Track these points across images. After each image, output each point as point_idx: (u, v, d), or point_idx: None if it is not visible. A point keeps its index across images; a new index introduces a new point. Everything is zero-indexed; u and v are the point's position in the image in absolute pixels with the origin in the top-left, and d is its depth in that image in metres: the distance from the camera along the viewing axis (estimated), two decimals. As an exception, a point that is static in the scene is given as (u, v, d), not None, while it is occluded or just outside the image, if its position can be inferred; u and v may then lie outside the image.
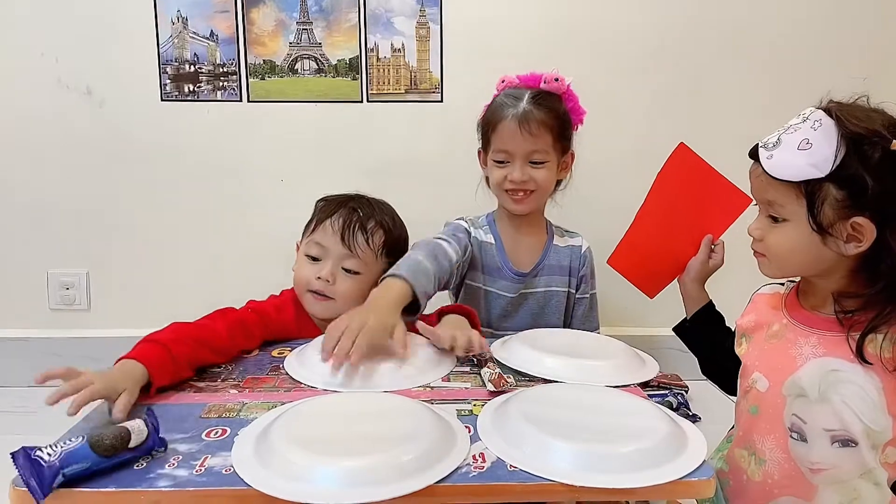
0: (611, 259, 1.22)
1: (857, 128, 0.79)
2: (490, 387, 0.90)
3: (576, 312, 1.46)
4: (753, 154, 0.88)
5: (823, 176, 0.80)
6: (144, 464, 0.69)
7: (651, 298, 1.24)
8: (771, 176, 0.84)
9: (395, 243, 1.26)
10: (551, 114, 1.31)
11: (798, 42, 1.88)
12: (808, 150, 0.81)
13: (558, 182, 1.41)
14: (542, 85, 1.34)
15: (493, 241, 1.39)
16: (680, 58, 1.88)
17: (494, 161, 1.35)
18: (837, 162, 0.79)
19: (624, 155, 1.88)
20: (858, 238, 0.81)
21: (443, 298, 1.48)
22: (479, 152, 1.43)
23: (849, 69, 1.84)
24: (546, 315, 1.41)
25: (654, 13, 1.85)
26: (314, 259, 1.21)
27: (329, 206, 1.24)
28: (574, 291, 1.45)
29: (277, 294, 1.28)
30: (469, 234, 1.37)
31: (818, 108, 0.84)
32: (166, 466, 0.69)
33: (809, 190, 0.81)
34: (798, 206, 0.83)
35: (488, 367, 0.94)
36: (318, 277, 1.18)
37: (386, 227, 1.24)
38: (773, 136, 0.86)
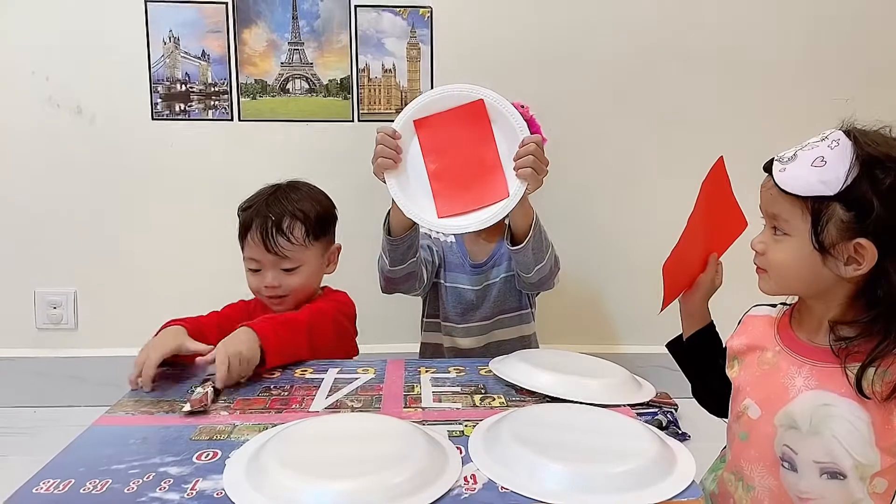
0: (665, 265, 1.12)
1: (874, 151, 0.80)
2: (187, 406, 0.88)
3: None
4: (767, 167, 0.88)
5: (832, 195, 0.80)
6: (135, 487, 0.69)
7: (659, 313, 1.16)
8: (780, 189, 0.84)
9: (319, 223, 1.29)
10: None
11: (782, 64, 1.92)
12: (822, 168, 0.81)
13: None
14: None
15: (454, 240, 1.48)
16: (667, 78, 1.91)
17: None
18: (848, 182, 0.79)
19: (610, 174, 1.90)
20: (858, 261, 0.81)
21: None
22: None
23: (832, 90, 1.88)
24: (509, 300, 1.44)
25: (642, 36, 1.89)
26: (255, 270, 1.27)
27: (247, 218, 1.28)
28: None
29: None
30: (430, 237, 1.47)
31: (839, 130, 0.84)
32: (157, 490, 0.68)
33: (816, 208, 0.81)
34: (802, 223, 0.83)
35: (202, 387, 0.93)
36: (266, 286, 1.25)
37: (301, 216, 1.26)
38: (790, 151, 0.86)
